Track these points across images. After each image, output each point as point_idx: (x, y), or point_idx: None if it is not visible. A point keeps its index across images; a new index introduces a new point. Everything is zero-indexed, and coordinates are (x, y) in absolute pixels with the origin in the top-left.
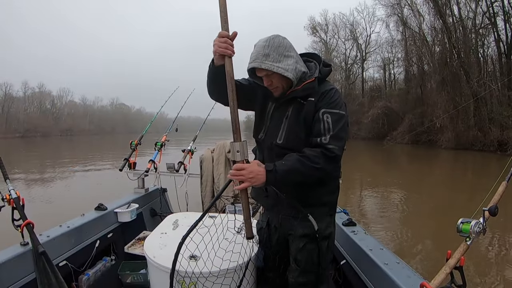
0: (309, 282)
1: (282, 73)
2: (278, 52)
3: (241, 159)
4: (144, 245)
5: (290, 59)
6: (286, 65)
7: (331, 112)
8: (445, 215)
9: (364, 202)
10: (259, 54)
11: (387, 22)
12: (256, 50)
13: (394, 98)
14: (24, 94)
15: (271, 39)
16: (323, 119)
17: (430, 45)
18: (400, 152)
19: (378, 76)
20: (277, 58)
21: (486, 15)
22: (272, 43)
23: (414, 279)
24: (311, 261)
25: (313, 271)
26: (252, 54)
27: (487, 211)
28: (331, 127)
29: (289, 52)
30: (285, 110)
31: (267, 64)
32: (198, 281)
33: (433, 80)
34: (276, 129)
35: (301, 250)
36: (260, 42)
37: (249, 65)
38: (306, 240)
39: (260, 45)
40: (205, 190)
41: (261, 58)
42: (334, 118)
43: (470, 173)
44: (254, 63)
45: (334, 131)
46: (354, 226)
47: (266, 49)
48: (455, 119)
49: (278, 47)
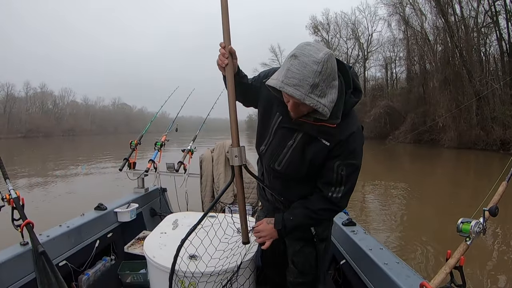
0: (307, 282)
1: (325, 113)
2: (327, 82)
3: (239, 163)
4: (144, 245)
5: (335, 90)
6: (331, 100)
7: (348, 163)
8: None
9: (366, 201)
10: (306, 81)
11: (389, 21)
12: (300, 70)
13: (396, 97)
14: (26, 94)
15: (325, 62)
16: (337, 171)
17: (432, 44)
18: (403, 152)
19: (380, 75)
20: (324, 91)
21: (488, 14)
22: (326, 68)
23: (414, 279)
24: (308, 263)
25: (311, 273)
26: (293, 73)
27: (487, 211)
28: (344, 181)
29: (335, 81)
30: (291, 134)
31: (312, 100)
32: (197, 281)
33: (436, 79)
34: (277, 152)
35: (297, 252)
36: (310, 60)
37: (285, 89)
38: (302, 243)
39: (310, 68)
40: (205, 190)
41: (307, 88)
42: (349, 170)
43: (473, 173)
44: (295, 92)
45: (347, 186)
46: (354, 226)
47: (317, 78)
48: (457, 118)
49: (330, 74)
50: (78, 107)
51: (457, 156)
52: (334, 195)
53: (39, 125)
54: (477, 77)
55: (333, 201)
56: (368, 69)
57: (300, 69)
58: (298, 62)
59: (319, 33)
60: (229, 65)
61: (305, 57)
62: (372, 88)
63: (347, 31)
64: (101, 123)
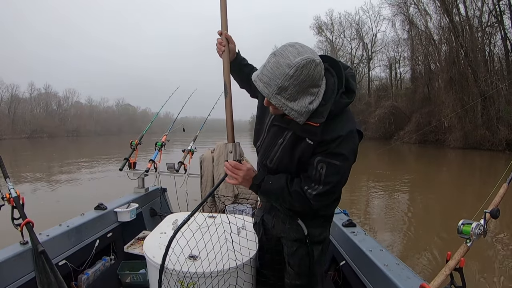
0: (303, 285)
1: (293, 116)
2: (300, 88)
3: (233, 159)
4: (144, 245)
5: (309, 97)
6: (302, 106)
7: (329, 163)
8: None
9: (369, 202)
10: (275, 82)
11: (393, 21)
12: (273, 69)
13: (401, 97)
14: (30, 95)
15: (299, 68)
16: (316, 168)
17: (437, 44)
18: (408, 152)
19: (384, 75)
20: (294, 96)
21: (492, 13)
22: (299, 74)
23: (414, 281)
24: (304, 265)
25: (308, 275)
26: (266, 70)
27: (488, 213)
28: (323, 180)
29: (313, 88)
30: (282, 132)
31: (279, 101)
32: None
33: (441, 79)
34: (269, 149)
35: (293, 254)
36: (283, 61)
37: (256, 82)
38: (297, 245)
39: (281, 70)
40: (205, 190)
41: (274, 88)
42: (330, 171)
43: (478, 173)
44: (264, 89)
45: (325, 187)
46: (354, 227)
47: (287, 81)
48: (463, 118)
49: (303, 81)
50: (82, 108)
51: (463, 157)
52: (309, 190)
53: (43, 126)
54: (482, 77)
55: (307, 196)
56: (373, 69)
57: (273, 69)
58: (274, 61)
59: (323, 33)
60: (225, 52)
61: (281, 57)
62: (377, 89)
63: (351, 31)
64: (105, 124)
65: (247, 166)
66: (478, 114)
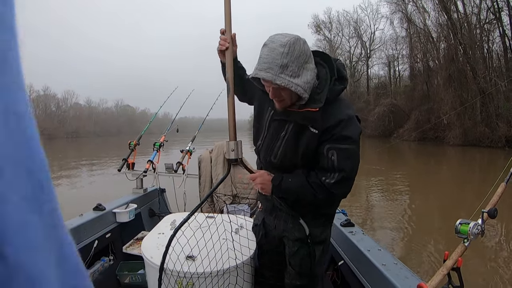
0: (304, 285)
1: (300, 93)
2: (298, 64)
3: (235, 157)
4: (142, 245)
5: (309, 72)
6: (305, 81)
7: (339, 148)
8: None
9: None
10: (275, 63)
11: (391, 19)
12: (269, 54)
13: (400, 95)
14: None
15: (291, 44)
16: (327, 156)
17: (435, 42)
18: (407, 149)
19: (383, 73)
20: (296, 72)
21: (490, 10)
22: (293, 50)
23: (412, 280)
24: (305, 265)
25: (309, 275)
26: (263, 59)
27: (486, 213)
28: (337, 166)
29: (309, 64)
30: (283, 125)
31: (284, 80)
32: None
33: (440, 77)
34: (272, 145)
35: (294, 254)
36: (277, 44)
37: (259, 74)
38: (299, 245)
39: (277, 51)
40: (203, 190)
41: (276, 69)
42: (342, 155)
43: (477, 171)
44: (266, 74)
45: (341, 173)
46: (352, 226)
47: (285, 58)
48: (462, 116)
49: (299, 56)
50: (81, 109)
51: (462, 154)
52: (327, 180)
53: (42, 128)
54: (481, 74)
55: (326, 186)
56: (371, 67)
57: (269, 54)
58: (267, 49)
59: (321, 32)
60: (229, 50)
61: (272, 43)
62: (376, 87)
63: (349, 30)
64: (104, 125)
65: (259, 172)
66: (477, 111)
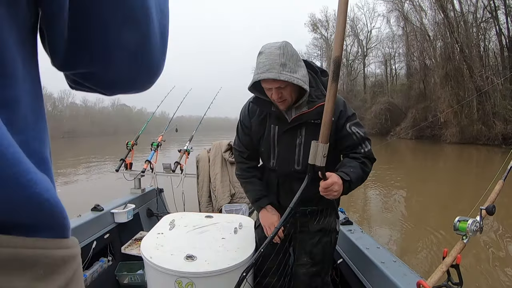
0: (319, 270)
1: (301, 85)
2: (294, 61)
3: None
4: (141, 245)
5: (303, 69)
6: (302, 75)
7: (354, 122)
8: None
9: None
10: (275, 63)
11: (388, 18)
12: (268, 58)
13: (397, 93)
14: None
15: (284, 46)
16: (353, 132)
17: (432, 40)
18: (404, 148)
19: (379, 71)
20: (294, 68)
21: (487, 9)
22: (287, 51)
23: (411, 277)
24: (324, 252)
25: (324, 262)
26: (262, 63)
27: (484, 209)
28: (362, 134)
29: (300, 61)
30: (294, 134)
31: (286, 75)
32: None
33: (436, 75)
34: (289, 156)
35: (317, 244)
36: (272, 49)
37: (262, 76)
38: (321, 234)
39: (274, 53)
40: (201, 190)
41: (278, 68)
42: (358, 125)
43: (474, 168)
44: (270, 74)
45: (365, 134)
46: (351, 225)
47: (282, 58)
48: (459, 114)
49: (293, 55)
50: (77, 109)
51: (459, 152)
52: (363, 150)
53: None
54: (478, 72)
55: (367, 153)
56: (368, 65)
57: (268, 58)
58: (264, 55)
59: (318, 30)
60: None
61: (267, 49)
62: (372, 85)
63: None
64: (100, 125)
65: (331, 178)
66: (474, 109)
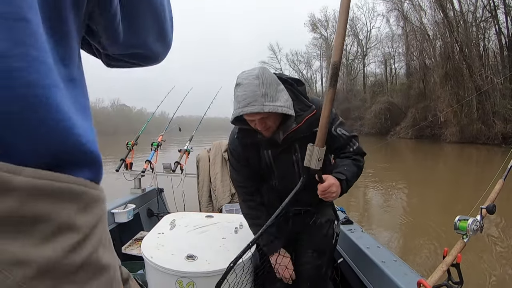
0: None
1: (286, 112)
2: (273, 88)
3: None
4: (141, 245)
5: (283, 92)
6: (285, 100)
7: (338, 123)
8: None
9: (366, 199)
10: (256, 95)
11: (387, 17)
12: (247, 90)
13: (396, 93)
14: None
15: (261, 74)
16: (339, 135)
17: (431, 40)
18: (404, 147)
19: (379, 71)
20: (275, 96)
21: (486, 8)
22: (265, 79)
23: (411, 277)
24: (330, 243)
25: (330, 251)
26: (241, 96)
27: (484, 209)
28: (347, 134)
29: (279, 85)
30: (289, 152)
31: (269, 106)
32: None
33: (436, 74)
34: (289, 174)
35: (325, 236)
36: (250, 79)
37: (245, 110)
38: (328, 225)
39: (253, 83)
40: (202, 190)
41: (259, 100)
42: (342, 124)
43: (474, 168)
44: (252, 107)
45: (351, 133)
46: (351, 224)
47: (262, 88)
48: (458, 113)
49: (272, 82)
50: None
51: (459, 151)
52: (353, 148)
53: None
54: (477, 71)
55: (356, 150)
56: (367, 65)
57: (247, 91)
58: (242, 88)
59: (318, 30)
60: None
61: (245, 80)
62: (372, 84)
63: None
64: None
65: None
66: (473, 108)
